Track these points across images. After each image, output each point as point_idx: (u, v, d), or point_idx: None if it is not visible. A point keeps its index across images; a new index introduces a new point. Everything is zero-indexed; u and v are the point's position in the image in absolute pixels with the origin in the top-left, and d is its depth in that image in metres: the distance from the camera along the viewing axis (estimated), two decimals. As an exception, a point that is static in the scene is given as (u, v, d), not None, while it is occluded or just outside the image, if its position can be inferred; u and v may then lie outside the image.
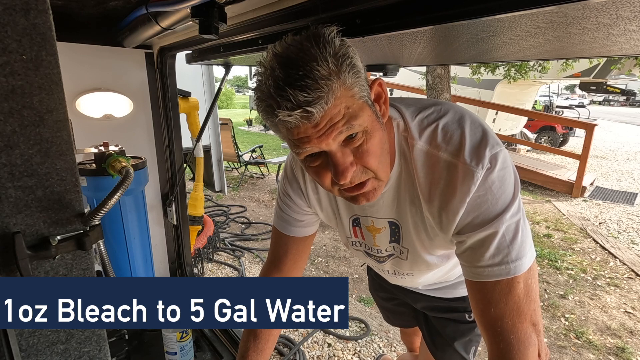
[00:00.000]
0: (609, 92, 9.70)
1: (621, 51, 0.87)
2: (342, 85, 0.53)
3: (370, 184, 0.62)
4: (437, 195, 0.65)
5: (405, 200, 0.73)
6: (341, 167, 0.57)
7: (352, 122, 0.55)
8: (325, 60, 0.51)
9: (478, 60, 1.47)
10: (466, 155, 0.62)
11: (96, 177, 1.14)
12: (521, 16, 0.56)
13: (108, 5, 1.13)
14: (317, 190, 0.85)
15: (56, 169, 0.57)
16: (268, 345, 0.85)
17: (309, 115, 0.52)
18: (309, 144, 0.56)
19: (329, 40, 0.53)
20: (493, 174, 0.60)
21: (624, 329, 2.57)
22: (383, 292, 1.32)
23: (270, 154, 8.21)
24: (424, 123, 0.68)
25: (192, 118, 1.87)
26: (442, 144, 0.64)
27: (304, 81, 0.50)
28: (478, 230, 0.62)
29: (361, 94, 0.56)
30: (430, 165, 0.66)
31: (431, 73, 5.17)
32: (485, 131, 0.64)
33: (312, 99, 0.51)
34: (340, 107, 0.53)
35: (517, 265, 0.60)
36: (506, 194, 0.61)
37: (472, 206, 0.62)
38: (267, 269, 0.92)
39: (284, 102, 0.51)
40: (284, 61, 0.53)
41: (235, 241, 3.96)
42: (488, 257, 0.61)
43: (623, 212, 4.89)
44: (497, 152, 0.61)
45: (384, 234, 0.83)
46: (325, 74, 0.51)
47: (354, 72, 0.54)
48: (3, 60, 0.50)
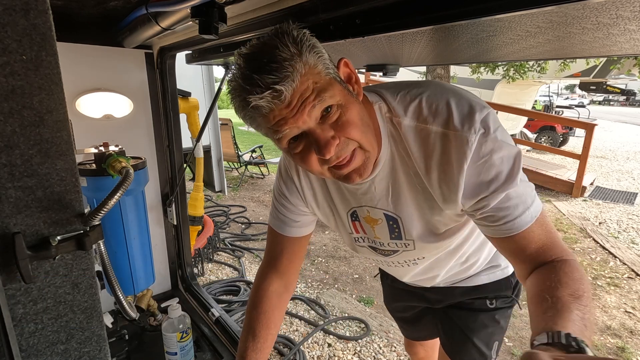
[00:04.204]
0: (608, 92, 9.72)
1: (621, 51, 0.87)
2: (305, 64, 0.55)
3: (359, 156, 0.63)
4: (434, 167, 0.66)
5: (402, 185, 0.72)
6: (323, 141, 0.59)
7: (323, 95, 0.56)
8: (285, 45, 0.54)
9: (478, 60, 1.47)
10: (456, 123, 0.62)
11: (96, 178, 1.14)
12: (521, 16, 0.56)
13: (108, 5, 1.13)
14: (312, 187, 0.85)
15: (56, 169, 0.57)
16: (267, 344, 0.85)
17: (279, 94, 0.54)
18: (286, 125, 0.57)
19: (287, 31, 0.56)
20: (489, 136, 0.61)
21: (624, 328, 2.57)
22: (401, 301, 1.28)
23: (270, 154, 8.21)
24: (407, 99, 0.68)
25: (192, 118, 1.87)
26: (429, 117, 0.65)
27: (269, 65, 0.53)
28: (496, 194, 0.63)
29: (327, 71, 0.58)
30: (421, 139, 0.66)
31: (431, 73, 5.17)
32: (470, 97, 0.66)
33: (279, 79, 0.53)
34: (307, 84, 0.56)
35: (534, 206, 0.64)
36: (509, 152, 0.62)
37: (477, 173, 0.63)
38: (264, 269, 0.92)
39: (254, 88, 0.54)
40: (248, 56, 0.57)
41: (235, 241, 3.96)
42: (512, 212, 0.63)
43: (623, 212, 4.89)
44: (486, 115, 0.63)
45: (382, 227, 0.82)
46: (288, 56, 0.54)
47: (315, 51, 0.57)
48: (3, 60, 0.50)
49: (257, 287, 0.90)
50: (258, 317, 0.86)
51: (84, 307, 0.64)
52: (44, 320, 0.61)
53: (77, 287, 0.63)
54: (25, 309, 0.59)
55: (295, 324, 2.55)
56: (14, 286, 0.57)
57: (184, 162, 1.81)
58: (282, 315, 0.92)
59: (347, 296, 2.94)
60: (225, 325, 1.55)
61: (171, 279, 1.95)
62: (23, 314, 0.58)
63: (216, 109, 5.89)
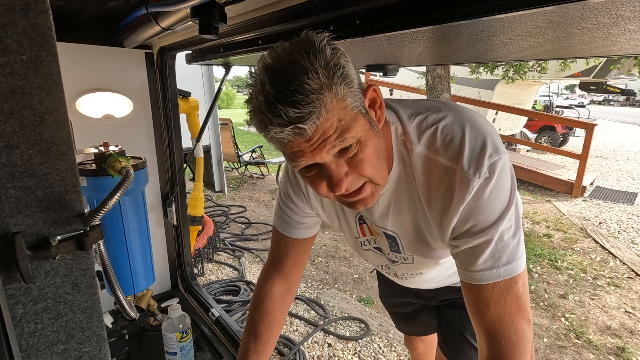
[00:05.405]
0: (608, 92, 9.71)
1: (621, 51, 0.87)
2: (334, 97, 0.52)
3: (369, 188, 0.62)
4: (438, 199, 0.65)
5: (403, 204, 0.72)
6: (335, 179, 0.58)
7: (345, 135, 0.54)
8: (315, 72, 0.50)
9: (478, 60, 1.47)
10: (465, 162, 0.61)
11: (96, 177, 1.14)
12: (521, 16, 0.56)
13: (108, 5, 1.13)
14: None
15: (56, 169, 0.57)
16: (268, 345, 0.85)
17: (301, 132, 0.51)
18: (302, 158, 0.56)
19: (320, 49, 0.52)
20: (490, 183, 0.60)
21: (624, 328, 2.57)
22: (396, 297, 1.29)
23: (270, 154, 8.20)
24: (423, 126, 0.67)
25: (192, 118, 1.87)
26: (440, 148, 0.64)
27: (294, 96, 0.49)
28: (473, 237, 0.63)
29: (354, 105, 0.55)
30: (429, 169, 0.66)
31: (431, 73, 5.17)
32: (486, 135, 0.63)
33: (304, 115, 0.50)
34: (332, 121, 0.53)
35: (509, 268, 0.62)
36: (502, 203, 0.61)
37: (467, 214, 0.62)
38: (268, 270, 0.92)
39: (276, 119, 0.51)
40: (274, 75, 0.52)
41: (235, 241, 3.96)
42: (481, 262, 0.62)
43: (623, 212, 4.89)
44: (495, 161, 0.61)
45: (382, 239, 0.84)
46: (316, 88, 0.50)
47: (346, 82, 0.53)
48: (3, 60, 0.50)
49: (259, 288, 0.90)
50: (260, 318, 0.86)
51: (84, 307, 0.64)
52: (44, 320, 0.61)
53: (77, 287, 0.63)
54: (25, 309, 0.59)
55: (295, 324, 2.55)
56: (14, 286, 0.57)
57: (184, 162, 1.80)
58: (285, 317, 0.92)
59: (347, 296, 2.94)
60: (225, 325, 1.55)
61: (171, 279, 1.95)
62: (23, 314, 0.58)
63: (216, 109, 5.89)
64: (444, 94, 5.14)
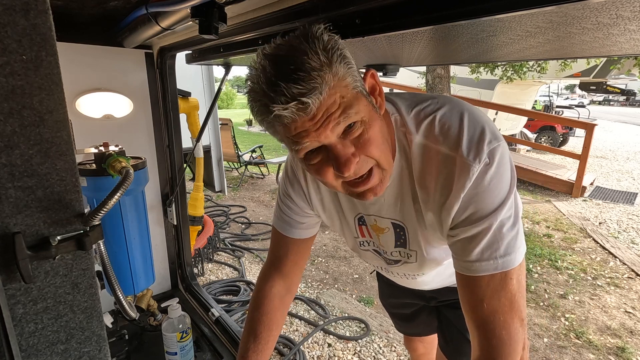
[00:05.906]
0: (608, 92, 9.72)
1: (621, 51, 0.87)
2: (334, 75, 0.53)
3: (377, 175, 0.62)
4: (438, 190, 0.65)
5: (408, 196, 0.72)
6: (343, 159, 0.57)
7: (349, 111, 0.55)
8: (315, 53, 0.51)
9: (478, 60, 1.47)
10: (464, 148, 0.61)
11: (96, 177, 1.14)
12: (521, 16, 0.56)
13: (108, 5, 1.13)
14: (320, 190, 0.84)
15: (56, 169, 0.57)
16: (268, 345, 0.85)
17: (305, 107, 0.51)
18: (307, 138, 0.55)
19: (317, 36, 0.53)
20: (491, 169, 0.60)
21: (624, 328, 2.57)
22: (396, 298, 1.29)
23: (270, 154, 8.21)
24: (421, 116, 0.67)
25: (192, 118, 1.87)
26: (439, 137, 0.64)
27: (296, 74, 0.50)
28: (472, 225, 0.62)
29: (355, 84, 0.56)
30: (428, 159, 0.65)
31: (431, 73, 5.17)
32: (484, 123, 0.63)
33: (307, 90, 0.50)
34: (335, 97, 0.53)
35: (506, 260, 0.61)
36: (502, 191, 0.61)
37: (467, 201, 0.62)
38: (267, 270, 0.92)
39: (278, 97, 0.51)
40: (274, 59, 0.53)
41: (235, 241, 3.96)
42: (478, 251, 0.61)
43: (623, 212, 4.89)
44: (495, 147, 0.60)
45: (387, 235, 0.82)
46: (317, 66, 0.51)
47: (345, 62, 0.54)
48: (3, 60, 0.50)
49: (259, 289, 0.90)
50: (260, 318, 0.86)
51: (84, 307, 0.64)
52: (44, 320, 0.61)
53: (77, 287, 0.63)
54: (25, 309, 0.59)
55: (295, 324, 2.55)
56: (14, 286, 0.57)
57: (184, 162, 1.80)
58: (284, 317, 0.92)
59: (347, 296, 2.94)
60: (225, 325, 1.55)
61: (171, 279, 1.95)
62: (23, 314, 0.58)
63: (216, 109, 5.89)
64: (444, 94, 5.15)
